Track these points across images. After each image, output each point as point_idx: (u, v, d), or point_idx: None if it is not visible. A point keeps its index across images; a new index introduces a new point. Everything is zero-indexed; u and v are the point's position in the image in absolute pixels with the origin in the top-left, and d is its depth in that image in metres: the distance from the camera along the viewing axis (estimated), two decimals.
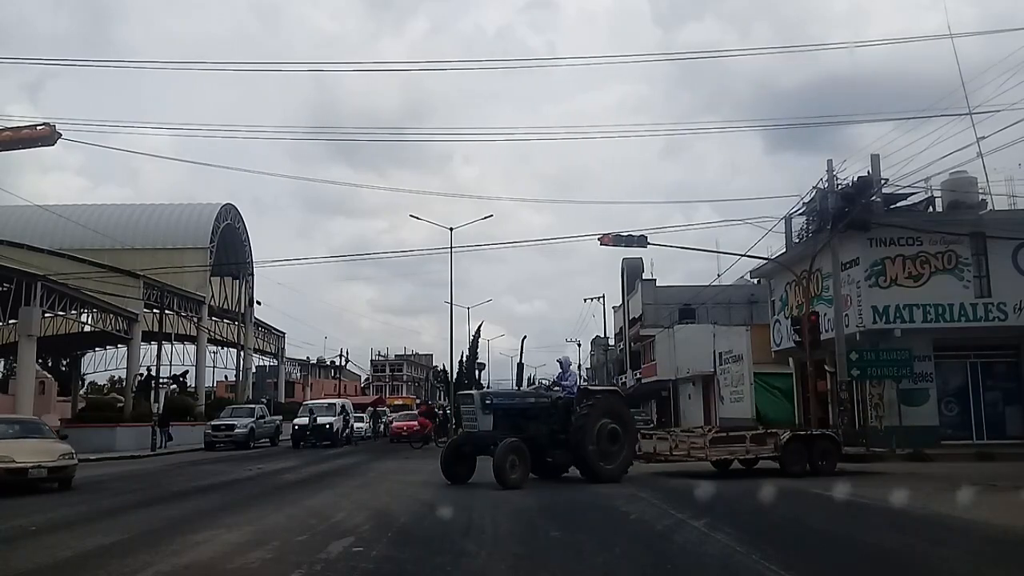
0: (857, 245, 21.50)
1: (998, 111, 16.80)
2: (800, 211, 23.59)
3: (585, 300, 63.53)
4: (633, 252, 42.03)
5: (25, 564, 6.62)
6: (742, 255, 26.65)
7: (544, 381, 17.45)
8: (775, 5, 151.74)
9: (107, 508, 10.80)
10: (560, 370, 15.15)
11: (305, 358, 76.98)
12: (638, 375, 49.28)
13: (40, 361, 37.40)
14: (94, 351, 48.17)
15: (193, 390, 42.30)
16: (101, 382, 58.65)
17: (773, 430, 16.11)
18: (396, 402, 63.71)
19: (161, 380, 34.60)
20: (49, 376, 42.95)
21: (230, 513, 9.71)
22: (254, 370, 53.05)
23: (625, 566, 6.51)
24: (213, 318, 43.79)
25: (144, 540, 7.69)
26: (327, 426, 30.09)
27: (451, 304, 41.81)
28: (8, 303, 26.14)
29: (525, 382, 18.81)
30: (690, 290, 43.63)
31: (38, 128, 21.74)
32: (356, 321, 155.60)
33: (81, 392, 47.11)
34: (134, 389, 33.10)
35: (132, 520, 9.47)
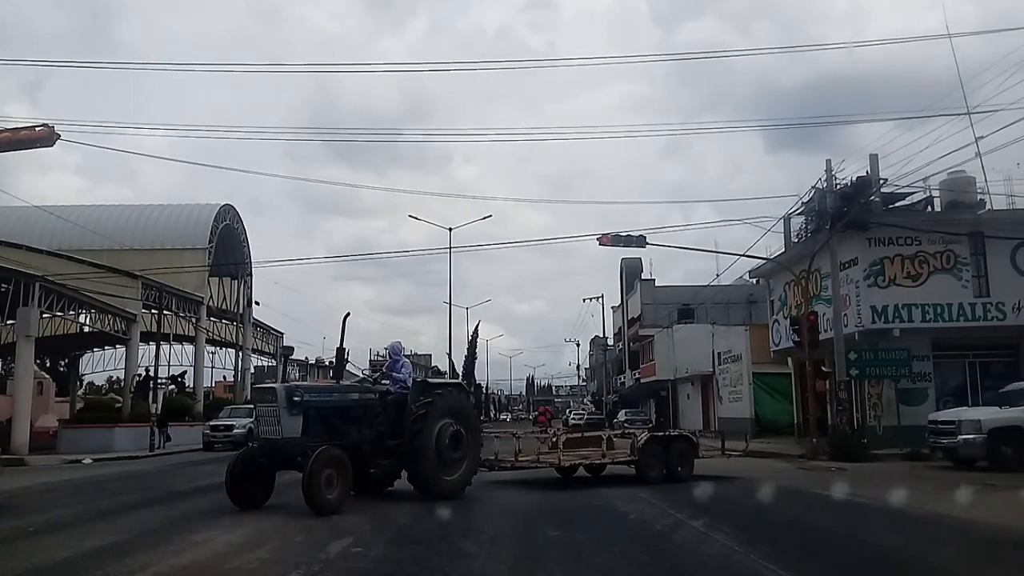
0: (856, 245, 21.52)
1: (997, 111, 16.83)
2: (799, 211, 23.62)
3: (584, 300, 63.84)
4: (632, 252, 42.15)
5: (24, 564, 6.61)
6: (741, 255, 26.70)
7: (366, 372, 13.69)
8: (775, 4, 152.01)
9: (105, 509, 10.77)
10: (390, 359, 12.43)
11: (304, 358, 76.95)
12: (637, 375, 49.32)
13: (38, 361, 37.32)
14: (92, 352, 48.06)
15: (191, 390, 42.25)
16: (99, 382, 58.58)
17: (631, 431, 15.02)
18: None
19: (159, 380, 34.55)
20: (47, 377, 42.80)
21: (228, 513, 9.69)
22: (252, 370, 53.00)
23: (624, 566, 6.51)
24: (212, 318, 43.73)
25: (142, 540, 7.68)
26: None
27: (450, 304, 41.96)
28: (6, 303, 26.08)
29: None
30: (689, 290, 43.69)
31: (37, 129, 21.68)
32: (355, 321, 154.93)
33: (79, 392, 47.00)
34: (132, 389, 33.01)
35: (130, 520, 9.46)
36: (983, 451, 15.26)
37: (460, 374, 56.45)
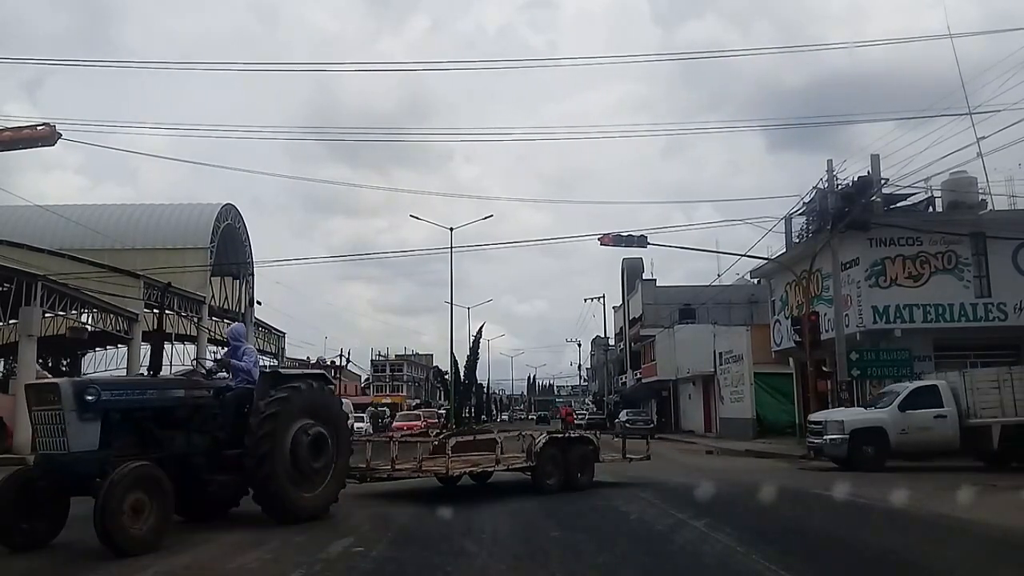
0: (857, 245, 21.50)
1: (998, 111, 16.84)
2: (800, 211, 23.65)
3: (585, 300, 63.78)
4: (633, 252, 42.15)
5: (24, 564, 6.62)
6: (742, 255, 26.69)
7: (208, 362, 10.66)
8: (776, 4, 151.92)
9: None
10: (230, 345, 9.72)
11: (305, 358, 77.02)
12: (638, 375, 49.31)
13: (40, 361, 37.31)
14: (94, 351, 48.15)
15: None
16: None
17: (528, 432, 13.08)
18: (384, 401, 63.69)
19: None
20: (49, 376, 42.92)
21: (229, 513, 9.69)
22: None
23: (625, 566, 6.50)
24: (213, 318, 43.77)
25: None
26: None
27: (451, 304, 41.92)
28: (8, 303, 26.13)
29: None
30: (690, 290, 43.69)
31: (38, 128, 21.77)
32: (356, 321, 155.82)
33: None
34: None
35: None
36: (845, 451, 15.80)
37: (463, 374, 56.40)
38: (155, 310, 33.81)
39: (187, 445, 8.26)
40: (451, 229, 38.54)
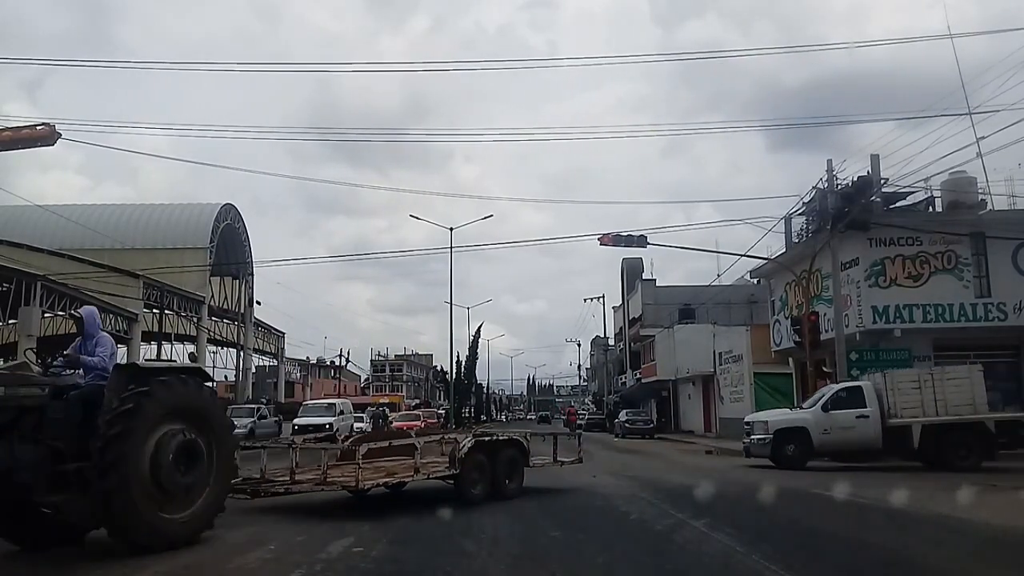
0: (857, 245, 21.51)
1: (998, 111, 16.84)
2: (800, 211, 23.64)
3: (585, 300, 63.78)
4: (633, 252, 42.14)
5: (24, 564, 6.62)
6: (742, 255, 26.71)
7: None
8: (776, 3, 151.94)
9: None
10: (83, 333, 7.74)
11: (305, 358, 77.09)
12: (638, 375, 49.31)
13: (39, 361, 37.38)
14: None
15: None
16: None
17: (451, 436, 11.70)
18: (382, 400, 63.77)
19: None
20: None
21: (229, 513, 9.67)
22: (254, 370, 53.09)
23: (625, 566, 6.50)
24: (213, 318, 43.80)
25: None
26: (326, 426, 30.09)
27: (451, 304, 41.98)
28: (8, 303, 26.17)
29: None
30: (690, 290, 43.69)
31: (38, 128, 21.80)
32: (356, 321, 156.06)
33: None
34: None
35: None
36: (769, 450, 16.42)
37: (462, 374, 56.43)
38: (155, 310, 33.88)
39: (12, 459, 6.34)
40: (451, 229, 38.64)
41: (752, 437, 17.11)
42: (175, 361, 24.49)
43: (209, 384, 8.73)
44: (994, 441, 15.70)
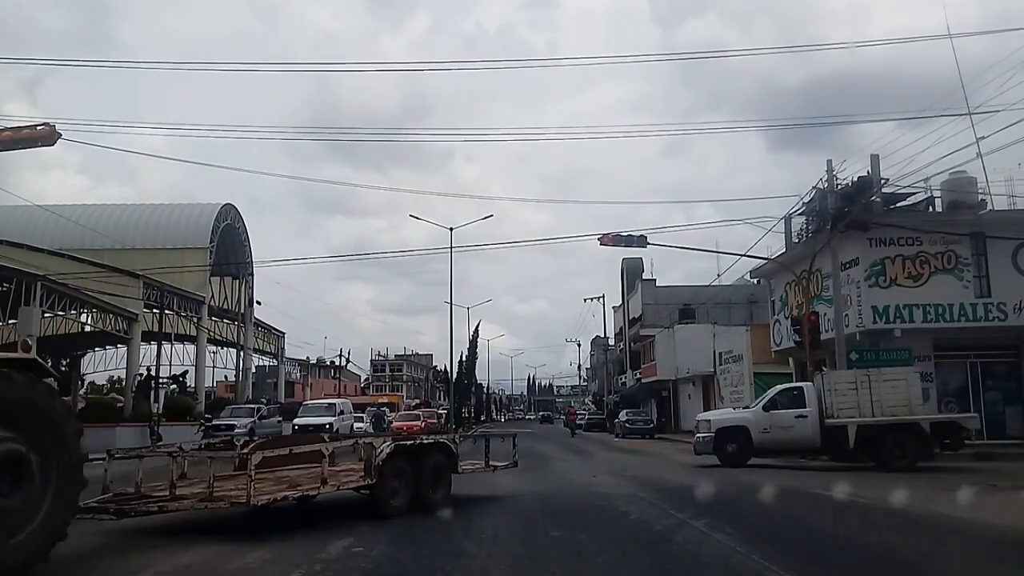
0: (857, 245, 21.50)
1: (998, 111, 16.81)
2: (800, 211, 23.62)
3: (585, 300, 63.72)
4: (633, 252, 42.11)
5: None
6: (742, 255, 26.69)
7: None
8: (776, 2, 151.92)
9: None
10: None
11: (305, 358, 77.05)
12: (638, 375, 49.31)
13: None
14: (94, 351, 48.19)
15: (193, 390, 42.30)
16: (101, 382, 58.68)
17: (367, 440, 10.52)
18: (380, 400, 63.76)
19: (161, 380, 34.60)
20: None
21: (229, 513, 9.67)
22: (254, 370, 53.10)
23: (625, 566, 6.50)
24: (213, 318, 43.81)
25: (143, 540, 7.68)
26: (326, 427, 30.10)
27: (451, 304, 41.89)
28: (8, 303, 26.15)
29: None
30: (690, 290, 43.68)
31: (38, 128, 21.77)
32: (356, 321, 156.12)
33: (81, 392, 47.08)
34: (134, 389, 33.08)
35: (131, 519, 9.43)
36: (711, 447, 17.09)
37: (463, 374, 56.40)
38: (155, 310, 33.89)
39: None
40: (451, 229, 38.52)
41: (698, 435, 17.70)
42: None
43: (49, 380, 6.60)
44: (930, 441, 15.96)
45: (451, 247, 38.17)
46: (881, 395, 16.26)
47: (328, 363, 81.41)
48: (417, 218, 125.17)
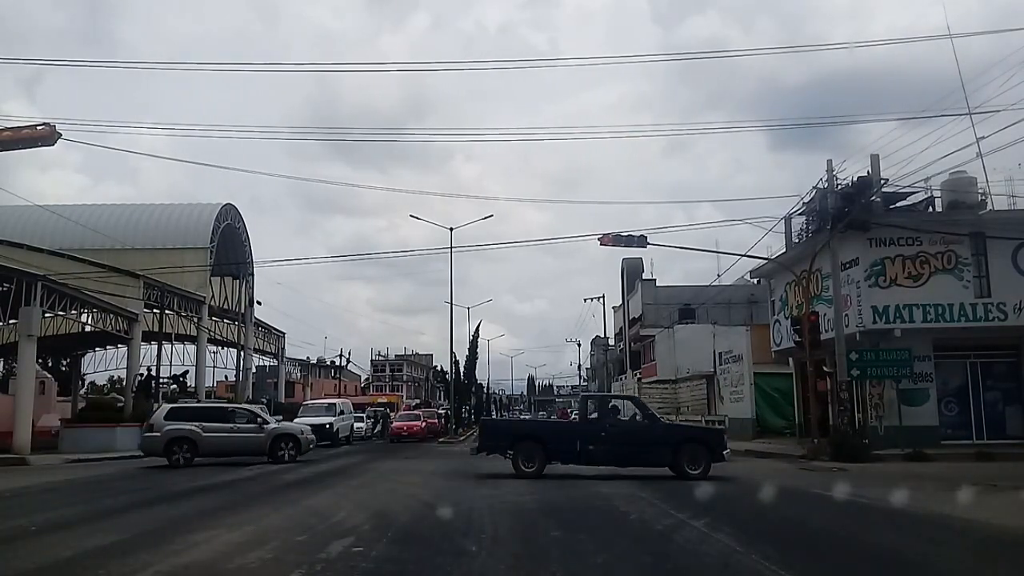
0: (857, 245, 21.50)
1: (998, 111, 16.82)
2: (800, 211, 23.63)
3: (585, 300, 63.76)
4: (633, 252, 42.20)
5: (25, 564, 6.61)
6: (742, 255, 26.74)
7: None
8: (777, 1, 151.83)
9: (107, 508, 10.78)
10: None
11: (305, 358, 77.01)
12: (638, 375, 49.31)
13: (40, 361, 37.35)
14: (94, 351, 48.14)
15: (193, 390, 42.29)
16: (101, 382, 58.68)
17: None
18: (379, 400, 63.69)
19: (161, 380, 34.59)
20: (49, 376, 42.83)
21: (230, 513, 9.70)
22: (254, 370, 53.08)
23: (625, 566, 6.50)
24: (213, 318, 43.78)
25: (144, 540, 7.68)
26: (326, 426, 30.11)
27: (451, 304, 41.84)
28: (8, 303, 26.14)
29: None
30: (690, 290, 43.70)
31: (38, 128, 21.79)
32: (356, 321, 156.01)
33: (81, 392, 47.07)
34: (134, 389, 33.06)
35: (132, 520, 9.46)
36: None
37: (462, 374, 56.26)
38: (155, 310, 33.87)
39: None
40: (451, 229, 38.49)
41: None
42: None
43: None
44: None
45: (451, 247, 38.19)
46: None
47: (328, 363, 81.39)
48: (417, 218, 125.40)
